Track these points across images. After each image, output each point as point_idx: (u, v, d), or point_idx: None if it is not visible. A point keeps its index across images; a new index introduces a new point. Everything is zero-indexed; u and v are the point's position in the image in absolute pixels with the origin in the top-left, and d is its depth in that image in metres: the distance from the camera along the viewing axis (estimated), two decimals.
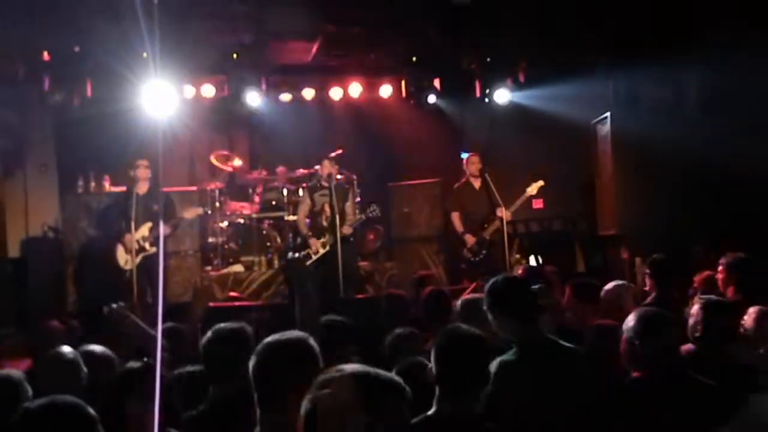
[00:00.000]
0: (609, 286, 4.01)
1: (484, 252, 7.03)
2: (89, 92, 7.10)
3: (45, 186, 7.77)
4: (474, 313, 3.47)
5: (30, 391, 2.40)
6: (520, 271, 4.99)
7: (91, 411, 1.89)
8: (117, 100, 7.53)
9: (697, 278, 4.60)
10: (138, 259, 6.51)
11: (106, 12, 6.77)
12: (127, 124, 6.84)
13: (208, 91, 7.95)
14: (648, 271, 4.48)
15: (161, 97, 6.72)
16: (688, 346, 3.29)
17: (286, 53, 7.99)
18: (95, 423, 1.86)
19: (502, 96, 8.08)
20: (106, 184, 7.75)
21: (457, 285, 6.43)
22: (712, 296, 3.41)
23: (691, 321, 3.10)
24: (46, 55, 7.15)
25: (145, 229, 6.61)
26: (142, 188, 6.71)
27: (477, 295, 3.74)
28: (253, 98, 7.80)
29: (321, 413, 1.43)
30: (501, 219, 6.87)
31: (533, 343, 2.71)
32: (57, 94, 7.06)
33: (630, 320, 2.72)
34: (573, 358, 2.74)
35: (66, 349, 3.01)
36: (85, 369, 2.92)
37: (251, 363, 2.08)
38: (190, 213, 6.76)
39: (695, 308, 3.11)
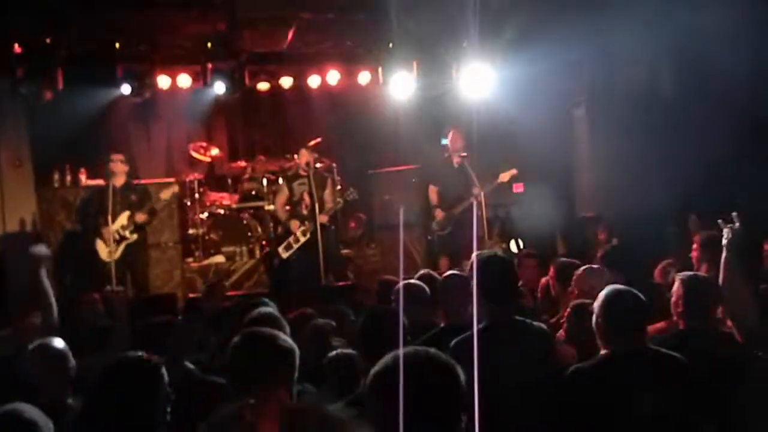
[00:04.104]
0: (579, 270, 4.03)
1: (450, 228, 7.12)
2: (60, 84, 6.99)
3: (20, 181, 7.66)
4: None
5: None
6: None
7: (48, 430, 1.90)
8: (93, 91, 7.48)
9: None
10: (120, 249, 6.49)
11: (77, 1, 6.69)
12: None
13: (185, 80, 7.87)
14: None
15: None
16: (667, 322, 3.36)
17: (261, 41, 7.92)
18: None
19: (479, 81, 8.07)
20: (83, 178, 7.67)
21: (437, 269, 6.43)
22: (692, 272, 3.46)
23: (673, 298, 3.15)
24: (17, 47, 7.03)
25: (123, 218, 6.58)
26: (119, 181, 6.67)
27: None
28: (230, 87, 7.74)
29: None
30: (474, 199, 6.96)
31: (498, 323, 2.74)
32: (28, 87, 6.96)
33: (598, 298, 2.77)
34: (538, 338, 2.77)
35: (55, 340, 2.99)
36: (72, 360, 2.91)
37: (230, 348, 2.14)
38: (166, 193, 6.72)
39: (676, 285, 3.16)
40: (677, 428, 2.54)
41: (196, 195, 8.07)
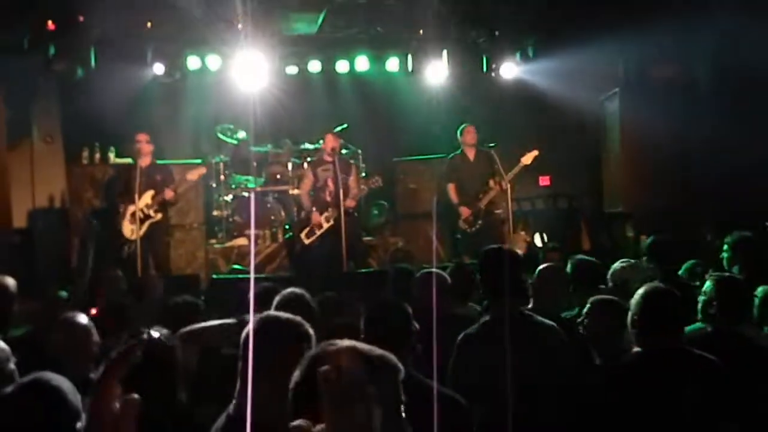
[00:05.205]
0: (616, 264, 3.92)
1: (479, 223, 7.02)
2: (92, 63, 7.06)
3: (51, 157, 7.78)
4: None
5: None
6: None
7: (76, 400, 1.89)
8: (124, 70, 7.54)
9: None
10: (144, 228, 6.55)
11: None
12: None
13: (214, 62, 7.89)
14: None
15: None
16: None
17: (291, 25, 7.90)
18: (76, 414, 1.86)
19: (510, 70, 7.97)
20: (111, 156, 7.76)
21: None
22: (725, 273, 3.36)
23: (704, 298, 3.07)
24: (50, 25, 7.11)
25: (147, 198, 6.64)
26: (145, 161, 6.73)
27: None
28: (259, 70, 7.73)
29: (323, 386, 1.41)
30: (497, 190, 6.87)
31: (502, 317, 2.68)
32: (61, 64, 7.03)
33: (636, 295, 2.71)
34: (548, 333, 2.72)
35: (79, 315, 3.01)
36: (96, 336, 2.93)
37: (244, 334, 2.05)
38: (193, 174, 6.76)
39: (708, 285, 3.08)
40: (705, 429, 2.49)
41: (222, 177, 8.11)
